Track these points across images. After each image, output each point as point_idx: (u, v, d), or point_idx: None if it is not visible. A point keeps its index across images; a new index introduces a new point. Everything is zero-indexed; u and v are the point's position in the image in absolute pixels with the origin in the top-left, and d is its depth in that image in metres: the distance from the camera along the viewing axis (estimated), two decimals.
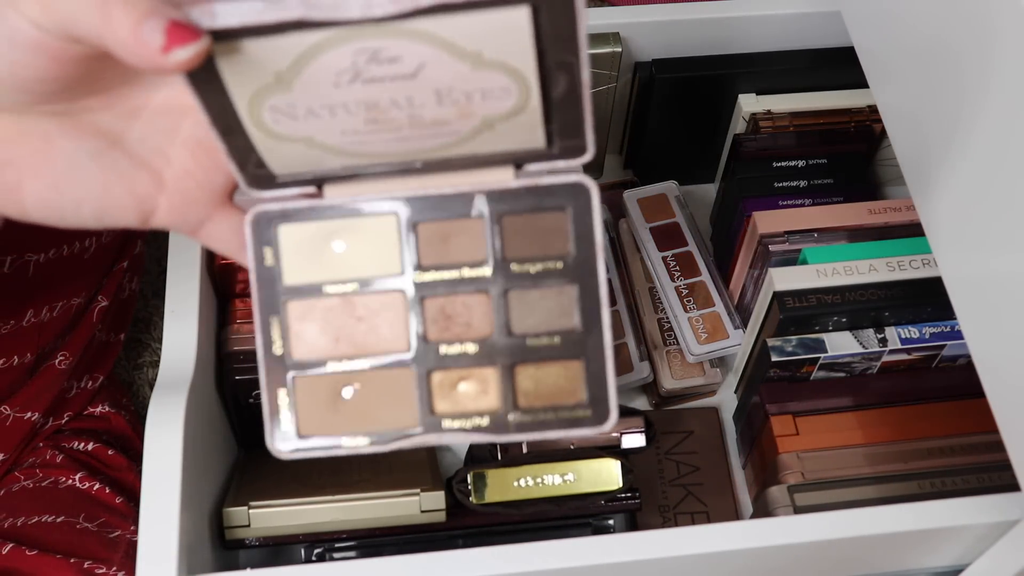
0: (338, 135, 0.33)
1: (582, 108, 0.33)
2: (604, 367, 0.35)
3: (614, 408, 0.35)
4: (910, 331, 0.63)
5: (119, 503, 0.66)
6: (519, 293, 0.35)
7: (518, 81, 0.31)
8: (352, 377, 0.36)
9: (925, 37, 0.49)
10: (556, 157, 0.34)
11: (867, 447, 0.62)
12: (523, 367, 0.35)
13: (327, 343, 0.36)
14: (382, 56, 0.30)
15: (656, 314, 0.73)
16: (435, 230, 0.35)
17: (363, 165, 0.34)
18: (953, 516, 0.51)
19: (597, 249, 0.35)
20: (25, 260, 0.62)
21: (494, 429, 0.35)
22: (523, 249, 0.35)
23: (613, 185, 0.81)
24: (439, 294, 0.35)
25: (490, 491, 0.57)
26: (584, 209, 0.35)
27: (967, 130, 0.46)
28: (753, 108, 0.72)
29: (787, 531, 0.51)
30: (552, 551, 0.49)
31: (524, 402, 0.35)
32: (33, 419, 0.67)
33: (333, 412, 0.36)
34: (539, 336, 0.35)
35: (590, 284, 0.35)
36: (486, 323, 0.35)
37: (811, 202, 0.70)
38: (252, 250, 0.36)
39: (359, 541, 0.59)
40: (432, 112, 0.32)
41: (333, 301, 0.36)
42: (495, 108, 0.32)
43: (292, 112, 0.32)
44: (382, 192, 0.35)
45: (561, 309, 0.35)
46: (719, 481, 0.70)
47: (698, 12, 0.70)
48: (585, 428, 0.35)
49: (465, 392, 0.35)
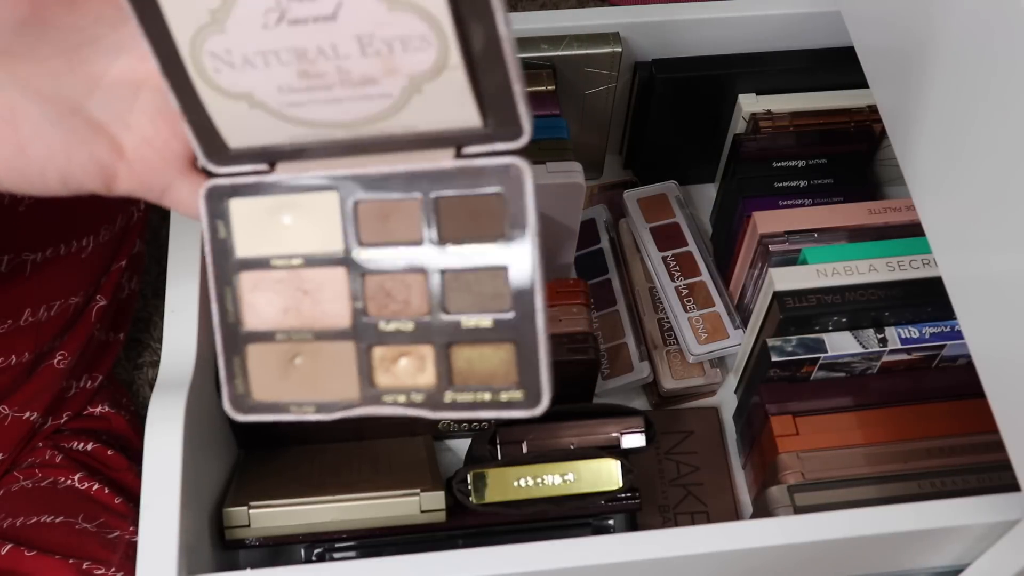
0: (275, 92, 0.34)
1: (507, 71, 0.32)
2: (536, 351, 0.35)
3: (546, 392, 0.35)
4: (910, 331, 0.63)
5: (118, 503, 0.66)
6: (454, 274, 0.36)
7: (434, 28, 0.31)
8: (300, 348, 0.37)
9: (925, 37, 0.49)
10: (494, 139, 0.35)
11: (867, 447, 0.62)
12: (458, 347, 0.36)
13: (276, 314, 0.37)
14: None
15: (656, 314, 0.73)
16: (375, 208, 0.36)
17: (309, 141, 0.36)
18: (953, 516, 0.51)
19: (530, 232, 0.35)
20: (23, 259, 0.62)
21: (430, 405, 0.36)
22: (458, 231, 0.36)
23: (613, 185, 0.81)
24: (379, 271, 0.36)
25: (490, 491, 0.57)
26: (517, 192, 0.34)
27: (967, 130, 0.46)
28: (753, 108, 0.72)
29: (787, 531, 0.51)
30: (552, 551, 0.49)
31: (459, 381, 0.36)
32: (32, 419, 0.67)
33: (283, 380, 0.37)
34: (472, 317, 0.35)
35: (522, 267, 0.35)
36: (423, 302, 0.36)
37: (811, 202, 0.70)
38: (206, 223, 0.37)
39: (359, 541, 0.59)
40: (358, 65, 0.33)
41: (281, 274, 0.37)
42: (417, 63, 0.32)
43: (229, 59, 0.33)
44: (327, 169, 0.36)
45: (495, 291, 0.35)
46: (719, 481, 0.70)
47: (698, 12, 0.70)
48: (516, 411, 0.35)
49: (404, 368, 0.36)
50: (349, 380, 0.37)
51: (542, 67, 0.68)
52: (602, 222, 0.78)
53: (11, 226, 0.61)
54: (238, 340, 0.38)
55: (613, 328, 0.73)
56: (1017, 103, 0.41)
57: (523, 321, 0.35)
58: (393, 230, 0.36)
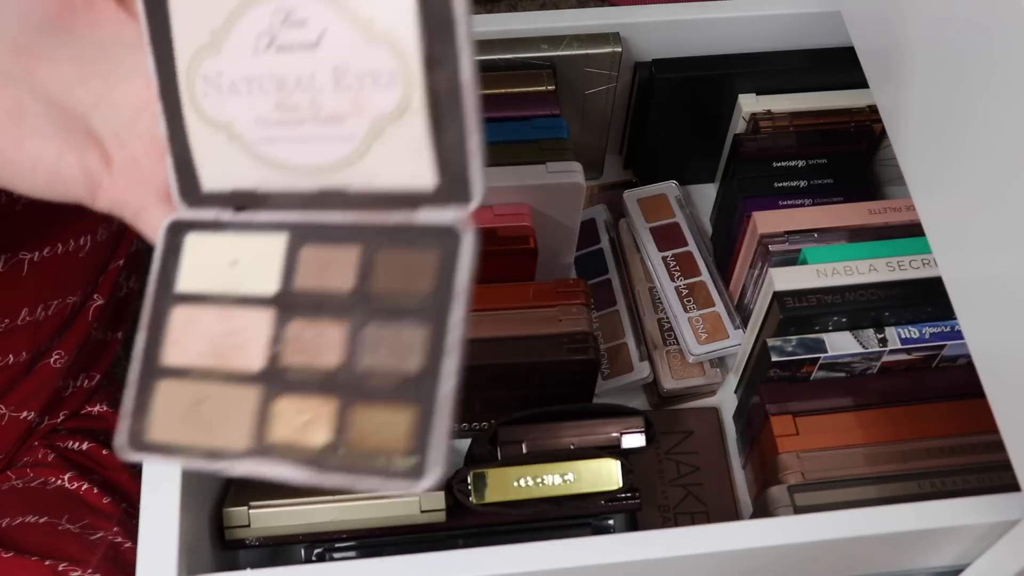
0: (252, 124, 0.36)
1: (464, 122, 0.33)
2: (433, 419, 0.33)
3: (435, 465, 0.33)
4: (910, 331, 0.63)
5: (106, 503, 0.66)
6: (373, 329, 0.35)
7: (402, 65, 0.32)
8: (208, 390, 0.36)
9: (925, 37, 0.49)
10: (446, 200, 0.34)
11: (867, 447, 0.62)
12: (360, 405, 0.34)
13: (198, 352, 0.37)
14: (294, 17, 0.33)
15: (656, 314, 0.73)
16: (317, 256, 0.36)
17: (274, 188, 0.37)
18: (953, 516, 0.51)
19: (455, 297, 0.34)
20: (20, 259, 0.62)
21: (317, 466, 0.34)
22: (389, 287, 0.35)
23: (613, 185, 0.81)
24: (303, 319, 0.36)
25: (490, 491, 0.57)
26: (451, 254, 0.34)
27: (967, 130, 0.46)
28: (753, 108, 0.72)
29: (787, 531, 0.51)
30: (552, 551, 0.49)
31: (353, 442, 0.34)
32: (29, 418, 0.67)
33: (183, 421, 0.36)
34: (379, 376, 0.34)
35: (440, 331, 0.34)
36: (334, 355, 0.35)
37: (811, 202, 0.70)
38: (159, 253, 0.38)
39: (359, 541, 0.59)
40: (330, 100, 0.34)
41: (214, 312, 0.37)
42: (383, 101, 0.33)
43: (218, 83, 0.35)
44: (282, 215, 0.37)
45: (407, 351, 0.34)
46: (719, 481, 0.70)
47: (698, 12, 0.70)
48: (400, 482, 0.33)
49: (301, 422, 0.35)
50: (243, 429, 0.35)
51: (542, 67, 0.68)
52: (602, 222, 0.78)
53: (8, 225, 0.61)
54: (153, 374, 0.37)
55: (613, 328, 0.73)
56: (1017, 103, 0.41)
57: (428, 386, 0.33)
58: (328, 279, 0.36)
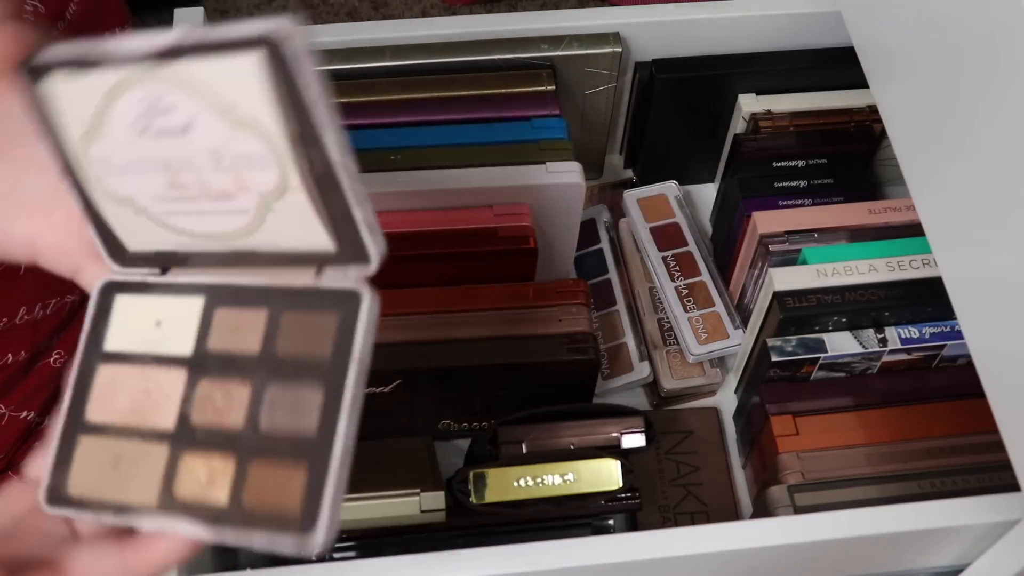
0: (152, 200, 0.36)
1: (345, 198, 0.33)
2: (324, 481, 0.33)
3: (321, 528, 0.33)
4: (910, 331, 0.63)
5: None
6: (274, 390, 0.36)
7: (273, 149, 0.32)
8: (124, 447, 0.37)
9: (925, 37, 0.49)
10: (347, 262, 0.35)
11: (867, 447, 0.62)
12: (257, 465, 0.35)
13: (117, 410, 0.38)
14: (161, 104, 0.33)
15: (656, 314, 0.73)
16: (230, 318, 0.37)
17: (191, 250, 0.38)
18: (953, 516, 0.51)
19: (352, 360, 0.34)
20: None
21: (215, 523, 0.35)
22: (291, 348, 0.36)
23: (613, 185, 0.81)
24: (211, 379, 0.37)
25: (490, 491, 0.57)
26: (350, 318, 0.35)
27: (967, 130, 0.46)
28: (753, 108, 0.72)
29: (787, 531, 0.51)
30: (552, 551, 0.49)
31: (247, 501, 0.35)
32: (28, 418, 0.67)
33: (98, 478, 0.37)
34: (278, 436, 0.35)
35: (335, 393, 0.34)
36: (239, 415, 0.36)
37: (811, 202, 0.70)
38: (91, 313, 0.40)
39: (359, 541, 0.59)
40: (215, 180, 0.34)
41: (134, 371, 0.38)
42: (263, 181, 0.33)
43: (111, 164, 0.36)
44: (202, 277, 0.38)
45: (305, 413, 0.35)
46: (719, 481, 0.69)
47: (698, 12, 0.70)
48: (289, 540, 0.33)
49: (204, 480, 0.36)
50: (153, 486, 0.36)
51: (542, 67, 0.68)
52: (602, 222, 0.78)
53: None
54: (76, 430, 0.38)
55: (613, 328, 0.73)
56: (1017, 103, 0.41)
57: (323, 448, 0.34)
58: (238, 341, 0.37)
